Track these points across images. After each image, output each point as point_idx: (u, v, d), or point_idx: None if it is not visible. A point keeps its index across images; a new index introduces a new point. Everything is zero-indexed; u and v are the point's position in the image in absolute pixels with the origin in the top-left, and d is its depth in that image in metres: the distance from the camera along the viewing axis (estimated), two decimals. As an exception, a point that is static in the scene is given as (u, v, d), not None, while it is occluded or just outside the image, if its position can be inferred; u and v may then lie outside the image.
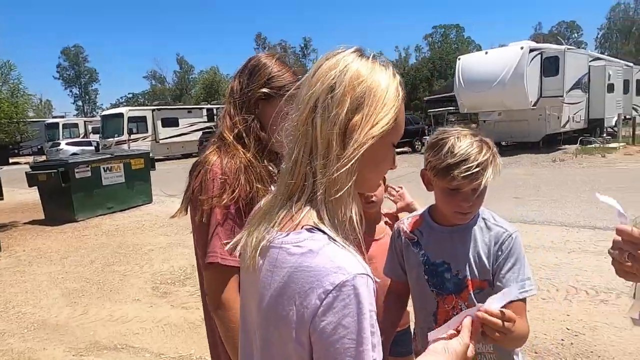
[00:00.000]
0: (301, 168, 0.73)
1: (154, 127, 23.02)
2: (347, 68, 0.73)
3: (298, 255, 0.68)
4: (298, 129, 0.74)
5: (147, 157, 9.69)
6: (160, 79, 71.25)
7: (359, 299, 0.64)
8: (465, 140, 1.18)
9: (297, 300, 0.66)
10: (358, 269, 0.66)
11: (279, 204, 0.76)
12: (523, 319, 1.17)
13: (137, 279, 4.99)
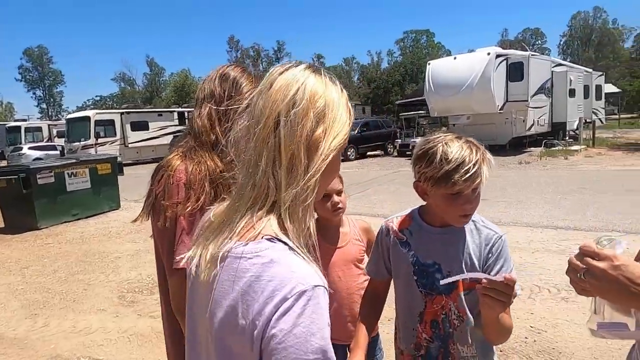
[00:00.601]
0: (264, 179, 0.73)
1: (123, 131, 22.40)
2: (306, 83, 0.76)
3: (259, 265, 0.68)
4: (260, 141, 0.74)
5: (114, 162, 9.42)
6: (129, 81, 69.56)
7: (314, 310, 0.65)
8: (454, 144, 1.20)
9: (255, 309, 0.66)
10: (316, 281, 0.67)
11: (239, 214, 0.76)
12: (509, 316, 1.21)
13: (102, 288, 4.83)
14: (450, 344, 1.30)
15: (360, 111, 29.46)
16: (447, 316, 1.30)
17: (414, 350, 1.36)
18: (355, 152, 18.34)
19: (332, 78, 0.81)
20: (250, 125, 0.77)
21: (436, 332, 1.31)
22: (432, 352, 1.33)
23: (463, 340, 1.30)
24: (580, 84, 18.14)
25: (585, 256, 0.78)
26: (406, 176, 12.24)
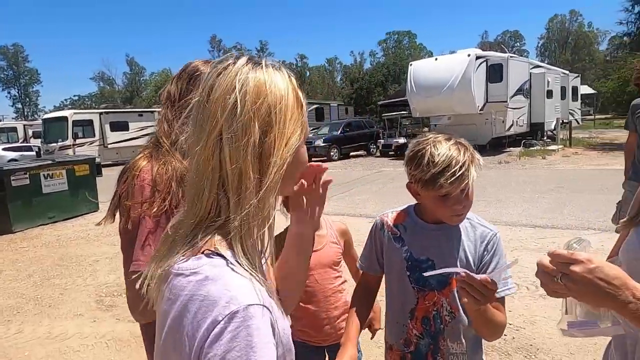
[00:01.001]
0: (208, 202, 0.69)
1: (102, 131, 21.95)
2: (245, 87, 0.68)
3: (194, 282, 0.65)
4: (202, 161, 0.69)
5: (92, 163, 9.23)
6: (108, 81, 68.25)
7: (248, 332, 0.60)
8: (442, 146, 1.21)
9: (189, 332, 0.62)
10: (250, 299, 0.63)
11: (186, 230, 0.72)
12: (502, 313, 1.24)
13: (79, 292, 4.71)
14: (440, 340, 1.31)
15: (343, 111, 29.51)
16: (438, 312, 1.31)
17: (403, 346, 1.37)
18: (338, 153, 18.38)
19: (276, 67, 0.74)
20: (191, 143, 0.70)
21: (427, 329, 1.32)
22: (422, 349, 1.34)
23: (453, 337, 1.31)
24: (558, 86, 18.56)
25: (560, 261, 0.78)
26: (389, 176, 12.33)
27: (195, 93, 0.74)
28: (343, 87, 58.04)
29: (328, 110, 27.31)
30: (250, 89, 0.68)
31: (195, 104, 0.71)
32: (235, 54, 0.74)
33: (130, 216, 1.15)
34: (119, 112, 24.35)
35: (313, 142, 17.97)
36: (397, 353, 1.39)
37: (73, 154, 17.58)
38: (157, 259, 0.74)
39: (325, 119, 25.50)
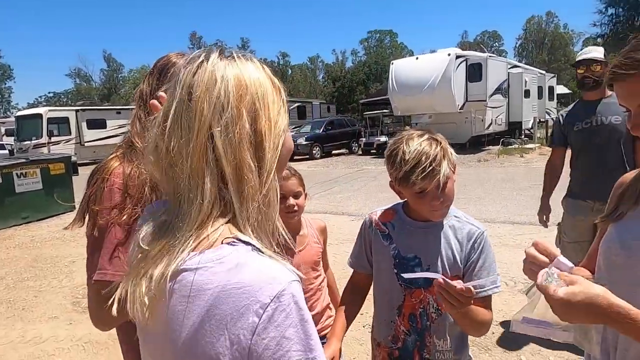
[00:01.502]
0: (212, 195, 0.66)
1: (79, 129, 21.40)
2: (227, 80, 0.67)
3: (224, 272, 0.61)
4: (196, 160, 0.65)
5: (68, 162, 8.99)
6: (85, 78, 66.55)
7: (299, 306, 0.61)
8: (413, 142, 1.21)
9: (229, 324, 0.59)
10: (289, 276, 0.63)
11: (189, 229, 0.66)
12: (488, 310, 1.25)
13: (54, 294, 4.58)
14: (426, 337, 1.32)
15: (325, 110, 29.53)
16: (425, 310, 1.32)
17: (391, 343, 1.37)
18: (320, 151, 18.38)
19: (246, 56, 0.73)
20: (180, 145, 0.66)
21: (413, 326, 1.33)
22: (409, 345, 1.34)
23: (440, 334, 1.32)
24: (535, 85, 18.97)
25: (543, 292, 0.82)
26: (371, 174, 12.40)
27: (167, 86, 0.71)
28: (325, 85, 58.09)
29: (310, 109, 27.27)
30: (232, 80, 0.67)
31: (176, 106, 0.67)
32: (204, 49, 0.72)
33: (97, 223, 1.08)
34: (96, 110, 23.78)
35: (295, 140, 17.91)
36: (384, 350, 1.39)
37: (48, 152, 17.11)
38: (138, 273, 0.67)
39: (308, 117, 25.46)
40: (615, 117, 2.69)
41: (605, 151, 2.72)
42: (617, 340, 0.95)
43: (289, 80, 60.27)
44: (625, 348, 0.93)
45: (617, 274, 0.95)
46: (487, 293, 1.27)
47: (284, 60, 65.04)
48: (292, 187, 1.69)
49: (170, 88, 0.70)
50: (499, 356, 2.98)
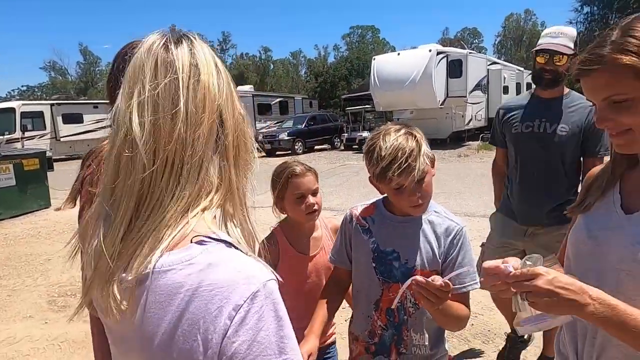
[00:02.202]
0: (192, 187, 0.63)
1: (54, 124, 20.80)
2: (180, 65, 0.64)
3: (194, 274, 0.58)
4: (170, 144, 0.62)
5: (43, 157, 8.73)
6: (60, 71, 64.73)
7: (274, 308, 0.59)
8: (389, 138, 1.21)
9: (202, 327, 0.56)
10: (265, 275, 0.60)
11: (156, 225, 0.62)
12: (466, 306, 1.27)
13: (29, 293, 4.45)
14: (403, 331, 1.33)
15: (308, 105, 29.45)
16: (402, 304, 1.32)
17: (368, 338, 1.38)
18: (302, 146, 18.34)
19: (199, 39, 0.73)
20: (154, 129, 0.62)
21: (391, 320, 1.34)
22: (386, 340, 1.35)
23: (417, 328, 1.33)
24: (513, 82, 19.32)
25: (521, 280, 0.83)
26: (353, 169, 12.44)
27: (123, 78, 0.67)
28: (307, 80, 57.86)
29: (292, 104, 27.15)
30: (185, 65, 0.65)
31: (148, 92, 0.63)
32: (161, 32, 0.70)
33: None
34: (72, 104, 23.17)
35: (277, 135, 17.84)
36: (362, 344, 1.40)
37: (22, 147, 16.59)
38: (118, 262, 0.62)
39: (290, 113, 25.34)
40: (562, 126, 2.17)
41: (547, 167, 2.23)
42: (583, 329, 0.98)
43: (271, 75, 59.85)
44: (593, 336, 0.96)
45: (585, 264, 0.98)
46: (466, 289, 1.28)
47: (266, 55, 64.54)
48: (310, 184, 1.56)
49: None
50: (478, 347, 3.04)
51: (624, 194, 0.96)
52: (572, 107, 2.20)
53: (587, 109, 2.14)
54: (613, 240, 0.91)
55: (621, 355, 0.90)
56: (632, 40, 0.81)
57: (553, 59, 2.14)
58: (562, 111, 2.20)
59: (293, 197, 1.55)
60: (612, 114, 0.86)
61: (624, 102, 0.84)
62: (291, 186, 1.55)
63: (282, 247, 1.60)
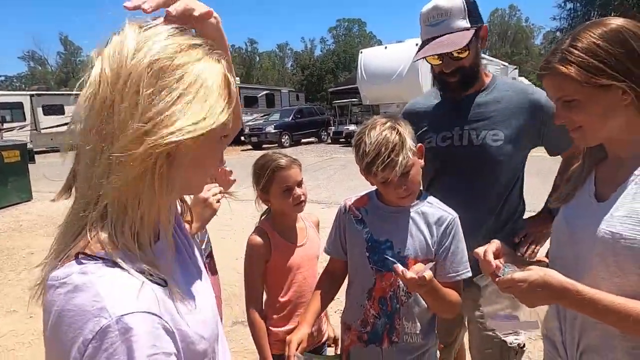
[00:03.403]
0: (94, 185, 0.60)
1: (34, 115, 20.32)
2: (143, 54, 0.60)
3: (63, 295, 0.56)
4: (93, 132, 0.60)
5: (23, 149, 8.53)
6: (40, 61, 63.10)
7: (128, 346, 0.53)
8: (374, 133, 1.23)
9: (64, 353, 0.54)
10: (127, 308, 0.55)
11: (71, 227, 0.63)
12: (458, 293, 1.31)
13: (12, 287, 4.38)
14: (396, 320, 1.35)
15: (294, 98, 29.34)
16: (395, 293, 1.34)
17: (361, 327, 1.40)
18: (289, 139, 18.30)
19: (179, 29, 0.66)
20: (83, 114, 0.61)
21: (383, 309, 1.36)
22: (378, 328, 1.37)
23: (409, 316, 1.35)
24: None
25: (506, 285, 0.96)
26: (340, 162, 12.47)
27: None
28: (294, 73, 57.60)
29: (279, 97, 27.01)
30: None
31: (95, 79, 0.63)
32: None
33: None
34: (53, 95, 22.63)
35: (264, 128, 17.75)
36: (354, 333, 1.42)
37: (0, 139, 16.19)
38: (50, 260, 0.64)
39: (276, 106, 25.22)
40: (494, 132, 1.52)
41: (477, 190, 1.53)
42: (565, 315, 1.07)
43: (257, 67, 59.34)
44: (574, 317, 1.04)
45: (564, 250, 1.07)
46: (459, 277, 1.32)
47: (252, 47, 63.92)
48: (296, 176, 1.58)
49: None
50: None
51: (597, 183, 1.04)
52: (504, 101, 1.55)
53: (527, 92, 1.54)
54: (587, 227, 0.98)
55: (599, 333, 0.98)
56: (574, 51, 0.92)
57: (451, 56, 1.50)
58: (488, 107, 1.56)
59: (280, 190, 1.56)
60: (564, 112, 0.98)
61: (572, 102, 0.95)
62: (277, 179, 1.55)
63: (273, 240, 1.61)
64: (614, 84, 0.89)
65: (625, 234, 0.90)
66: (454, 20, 1.46)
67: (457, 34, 1.46)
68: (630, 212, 0.91)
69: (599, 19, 0.96)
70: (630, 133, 0.96)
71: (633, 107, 0.92)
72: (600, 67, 0.89)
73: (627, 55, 0.89)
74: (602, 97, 0.92)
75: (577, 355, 1.03)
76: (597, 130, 0.97)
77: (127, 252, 0.61)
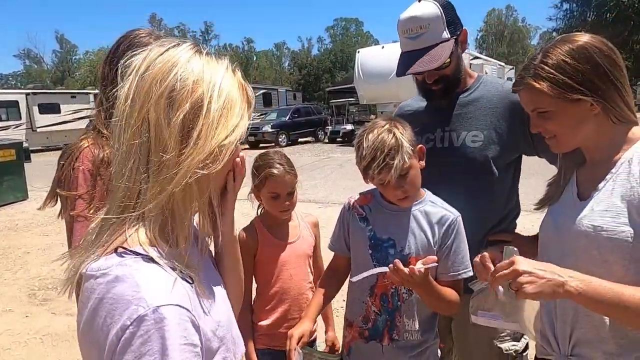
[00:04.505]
0: (133, 182, 0.65)
1: (29, 114, 20.20)
2: (186, 67, 0.68)
3: (104, 284, 0.61)
4: (130, 136, 0.66)
5: (19, 148, 8.51)
6: (36, 59, 62.71)
7: (161, 334, 0.58)
8: (372, 136, 1.25)
9: (100, 339, 0.59)
10: (162, 300, 0.60)
11: (108, 225, 0.67)
12: (457, 292, 1.32)
13: (8, 286, 4.37)
14: (397, 317, 1.36)
15: (292, 97, 29.35)
16: (396, 290, 1.36)
17: (362, 323, 1.41)
18: (286, 139, 18.30)
19: (221, 60, 0.73)
20: (120, 117, 0.67)
21: (385, 306, 1.37)
22: (379, 325, 1.38)
23: (409, 314, 1.36)
24: (495, 76, 19.61)
25: (502, 270, 0.96)
26: (337, 162, 12.49)
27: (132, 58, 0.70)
28: (291, 72, 57.56)
29: (276, 96, 27.00)
30: (190, 69, 0.68)
31: (129, 78, 0.68)
32: (183, 38, 0.73)
33: (68, 208, 1.09)
34: (49, 93, 22.54)
35: (261, 127, 17.73)
36: (356, 329, 1.43)
37: (-4, 138, 16.09)
38: (77, 254, 0.69)
39: (274, 105, 25.21)
40: (473, 134, 1.51)
41: (459, 193, 1.45)
42: (556, 311, 1.10)
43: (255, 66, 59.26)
44: (565, 311, 1.07)
45: (551, 250, 1.12)
46: (460, 277, 1.33)
47: (249, 46, 63.84)
48: (287, 186, 1.59)
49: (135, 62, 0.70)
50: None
51: (579, 184, 1.11)
52: (483, 101, 1.53)
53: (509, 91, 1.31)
54: (571, 223, 1.04)
55: (590, 327, 1.02)
56: (544, 67, 1.00)
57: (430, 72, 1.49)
58: (469, 109, 1.54)
59: (269, 194, 1.60)
60: (539, 121, 1.06)
61: (546, 113, 1.04)
62: (268, 185, 1.58)
63: (261, 237, 1.64)
64: (582, 98, 0.97)
65: (605, 226, 0.97)
66: (433, 33, 1.43)
67: (437, 49, 1.43)
68: (609, 206, 0.98)
69: (569, 35, 1.04)
70: (602, 138, 1.03)
71: (602, 115, 1.00)
72: (569, 83, 0.97)
73: (593, 71, 0.97)
74: (573, 109, 1.00)
75: (569, 349, 1.06)
76: (570, 138, 1.05)
77: (161, 250, 0.65)
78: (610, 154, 1.03)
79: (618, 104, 1.00)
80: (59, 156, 1.19)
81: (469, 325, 1.41)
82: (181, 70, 0.67)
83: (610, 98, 0.98)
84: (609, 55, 0.99)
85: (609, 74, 0.98)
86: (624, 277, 0.94)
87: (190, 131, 0.66)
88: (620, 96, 0.99)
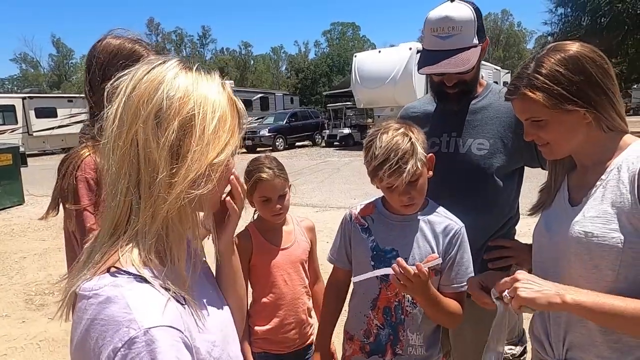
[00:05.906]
0: (124, 200, 0.66)
1: (26, 118, 20.12)
2: (173, 84, 0.67)
3: (95, 305, 0.61)
4: (120, 155, 0.66)
5: (16, 152, 8.46)
6: (32, 63, 62.58)
7: (153, 357, 0.57)
8: (386, 137, 1.21)
9: (93, 358, 0.59)
10: (153, 321, 0.60)
11: (100, 244, 0.68)
12: (460, 304, 1.29)
13: (5, 292, 4.34)
14: (400, 331, 1.32)
15: (289, 101, 29.36)
16: (400, 303, 1.31)
17: (364, 337, 1.37)
18: (283, 143, 18.32)
19: (209, 75, 0.73)
20: (109, 138, 0.67)
21: (387, 319, 1.33)
22: (382, 339, 1.34)
23: (413, 328, 1.32)
24: (491, 80, 19.22)
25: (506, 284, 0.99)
26: (334, 166, 12.50)
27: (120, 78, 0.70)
28: (288, 76, 57.63)
29: (273, 100, 27.01)
30: (177, 90, 0.67)
31: (118, 97, 0.68)
32: (171, 55, 0.73)
33: (72, 218, 1.08)
34: (45, 97, 22.47)
35: (258, 131, 17.74)
36: (357, 344, 1.39)
37: (-8, 142, 16.01)
38: (72, 274, 0.69)
39: (271, 109, 25.22)
40: (479, 141, 1.52)
41: (459, 200, 1.45)
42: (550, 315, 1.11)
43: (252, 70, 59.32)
44: (558, 316, 1.08)
45: (545, 253, 1.14)
46: (463, 289, 1.29)
47: (246, 50, 63.92)
48: (277, 189, 1.58)
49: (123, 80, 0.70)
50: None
51: (570, 190, 1.13)
52: (493, 110, 1.54)
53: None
54: (563, 230, 1.06)
55: (583, 331, 1.03)
56: (539, 77, 1.00)
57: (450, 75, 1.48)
58: (477, 117, 1.55)
59: (260, 199, 1.60)
60: (533, 130, 1.08)
61: (540, 121, 1.05)
62: (259, 189, 1.58)
63: (255, 242, 1.64)
64: (576, 109, 0.99)
65: (596, 232, 0.99)
66: (465, 37, 1.42)
67: (466, 53, 1.42)
68: (599, 212, 1.00)
69: (561, 44, 1.05)
70: (593, 145, 1.05)
71: (594, 123, 1.02)
72: (563, 94, 0.99)
73: (586, 82, 0.99)
74: (567, 118, 1.02)
75: (563, 353, 1.08)
76: (563, 146, 1.07)
77: (155, 270, 0.66)
78: (601, 160, 1.05)
79: (610, 114, 1.02)
80: (59, 164, 1.18)
81: (466, 328, 1.41)
82: (167, 88, 0.66)
83: (603, 108, 1.01)
84: (601, 65, 1.01)
85: (601, 84, 1.00)
86: (615, 282, 0.96)
87: (179, 150, 0.66)
88: (611, 105, 1.01)
